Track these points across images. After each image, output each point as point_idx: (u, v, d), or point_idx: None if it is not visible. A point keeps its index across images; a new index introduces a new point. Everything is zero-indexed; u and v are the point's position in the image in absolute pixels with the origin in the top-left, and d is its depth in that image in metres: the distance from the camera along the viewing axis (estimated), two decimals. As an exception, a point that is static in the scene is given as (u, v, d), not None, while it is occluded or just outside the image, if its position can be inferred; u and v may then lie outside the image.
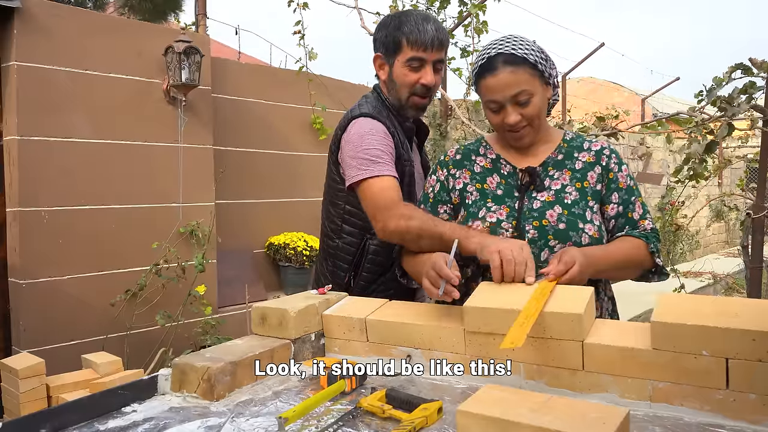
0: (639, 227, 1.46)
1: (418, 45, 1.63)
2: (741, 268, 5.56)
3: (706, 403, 0.91)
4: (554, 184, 1.46)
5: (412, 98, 1.69)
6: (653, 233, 1.46)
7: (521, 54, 1.39)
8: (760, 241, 2.90)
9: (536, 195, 1.44)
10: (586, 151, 1.50)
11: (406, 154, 1.67)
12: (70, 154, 3.13)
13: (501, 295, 1.12)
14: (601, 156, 1.49)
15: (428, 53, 1.64)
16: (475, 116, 5.92)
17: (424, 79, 1.66)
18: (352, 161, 1.59)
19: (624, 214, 1.46)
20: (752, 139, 6.00)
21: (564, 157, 1.49)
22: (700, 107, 2.84)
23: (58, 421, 0.96)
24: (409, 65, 1.65)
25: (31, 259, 3.01)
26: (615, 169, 1.48)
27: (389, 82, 1.71)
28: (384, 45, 1.69)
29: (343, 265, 1.73)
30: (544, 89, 1.44)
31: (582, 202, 1.43)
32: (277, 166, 4.27)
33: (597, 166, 1.48)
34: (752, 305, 0.96)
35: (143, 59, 3.40)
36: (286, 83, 4.34)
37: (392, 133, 1.63)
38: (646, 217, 1.48)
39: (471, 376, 1.11)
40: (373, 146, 1.58)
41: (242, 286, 3.75)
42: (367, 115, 1.64)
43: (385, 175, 1.55)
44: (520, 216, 1.42)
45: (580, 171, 1.47)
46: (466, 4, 5.20)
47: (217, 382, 1.06)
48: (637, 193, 1.50)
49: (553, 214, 1.40)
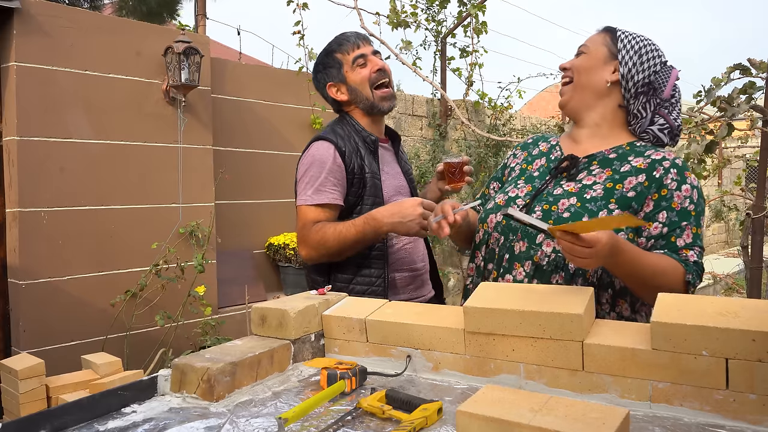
0: (680, 255, 1.31)
1: (350, 47, 1.82)
2: (741, 268, 5.57)
3: (705, 404, 0.91)
4: (587, 179, 1.41)
5: (376, 91, 1.82)
6: (696, 266, 1.31)
7: (617, 28, 1.48)
8: (760, 242, 2.90)
9: (564, 183, 1.43)
10: (642, 157, 1.39)
11: (368, 167, 1.78)
12: (69, 155, 3.13)
13: (501, 295, 1.12)
14: (657, 166, 1.36)
15: (363, 48, 1.83)
16: (474, 116, 5.92)
17: (374, 66, 1.82)
18: (299, 182, 1.78)
19: (667, 236, 1.33)
20: (752, 140, 6.00)
21: (617, 157, 1.42)
22: (700, 107, 2.84)
23: (57, 421, 0.96)
24: (357, 64, 1.82)
25: (31, 260, 3.01)
26: (672, 186, 1.34)
27: (351, 93, 1.83)
28: (328, 74, 1.86)
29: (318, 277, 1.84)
30: (605, 61, 1.45)
31: (601, 202, 1.35)
32: (277, 166, 4.27)
33: (643, 175, 1.36)
34: (752, 305, 0.95)
35: (143, 59, 3.40)
36: (285, 83, 4.34)
37: (343, 152, 1.74)
38: (693, 249, 1.32)
39: (471, 377, 1.11)
40: (318, 172, 1.73)
41: (242, 286, 3.75)
42: (322, 137, 1.79)
43: (317, 204, 1.72)
44: (536, 196, 1.43)
45: (621, 173, 1.38)
46: (466, 4, 5.21)
47: (217, 383, 1.06)
48: (692, 220, 1.33)
49: (566, 203, 1.37)
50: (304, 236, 1.75)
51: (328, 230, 1.70)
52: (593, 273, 1.36)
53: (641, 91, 1.43)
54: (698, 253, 1.33)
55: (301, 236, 1.76)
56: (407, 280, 1.82)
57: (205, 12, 4.10)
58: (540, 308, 1.03)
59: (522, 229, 1.40)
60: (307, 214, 1.74)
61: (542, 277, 1.37)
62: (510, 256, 1.43)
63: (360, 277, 1.75)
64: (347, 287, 1.73)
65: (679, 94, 1.47)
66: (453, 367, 1.13)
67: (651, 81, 1.43)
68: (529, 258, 1.39)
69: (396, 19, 4.85)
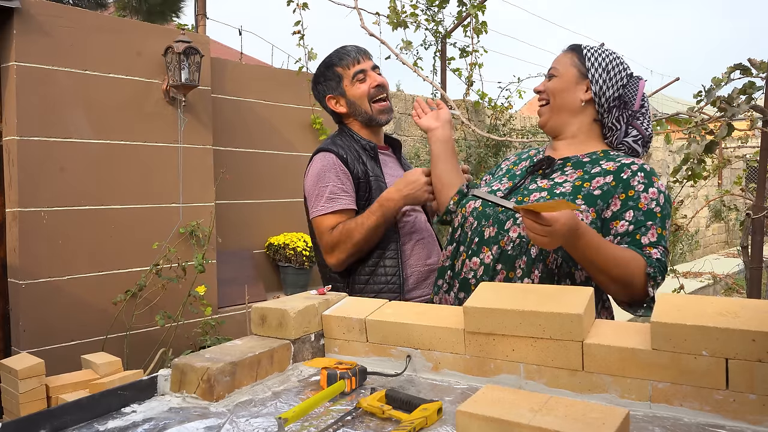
0: (644, 251, 1.35)
1: (350, 62, 1.87)
2: (741, 268, 5.57)
3: (705, 404, 0.91)
4: (560, 177, 1.49)
5: (374, 105, 1.88)
6: (658, 263, 1.34)
7: (582, 47, 1.55)
8: (760, 242, 2.90)
9: (539, 180, 1.52)
10: (612, 161, 1.47)
11: (372, 171, 1.85)
12: (69, 154, 3.13)
13: (501, 295, 1.12)
14: (625, 169, 1.43)
15: (362, 64, 1.88)
16: (474, 116, 5.92)
17: (373, 82, 1.87)
18: (310, 196, 1.84)
19: (632, 234, 1.37)
20: (752, 140, 6.00)
21: (590, 161, 1.50)
22: (700, 107, 2.84)
23: (57, 421, 0.96)
24: (357, 79, 1.87)
25: (31, 260, 3.01)
26: (639, 188, 1.40)
27: (350, 107, 1.89)
28: (328, 86, 1.91)
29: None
30: (577, 81, 1.52)
31: (569, 197, 1.42)
32: (277, 166, 4.27)
33: (611, 176, 1.43)
34: (752, 305, 0.95)
35: (143, 59, 3.40)
36: (285, 83, 4.34)
37: (345, 159, 1.81)
38: (657, 247, 1.36)
39: (471, 377, 1.11)
40: (327, 182, 1.79)
41: (242, 286, 3.75)
42: (324, 149, 1.84)
43: (334, 211, 1.77)
44: (513, 190, 1.54)
45: (591, 174, 1.46)
46: (465, 4, 5.21)
47: (217, 383, 1.06)
48: (657, 221, 1.38)
49: (537, 196, 1.46)
50: (327, 243, 1.78)
51: (348, 225, 1.75)
52: (553, 260, 1.42)
53: (613, 105, 1.52)
54: (662, 252, 1.37)
55: (325, 244, 1.79)
56: (423, 275, 1.87)
57: (205, 12, 4.10)
58: (540, 308, 1.03)
59: (494, 215, 1.49)
60: (324, 222, 1.78)
61: (506, 262, 1.45)
62: (479, 240, 1.51)
63: (376, 276, 1.80)
64: (365, 287, 1.79)
65: (647, 103, 1.56)
66: (453, 367, 1.13)
67: (621, 95, 1.52)
68: (496, 243, 1.47)
69: (396, 19, 4.86)
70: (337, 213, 1.78)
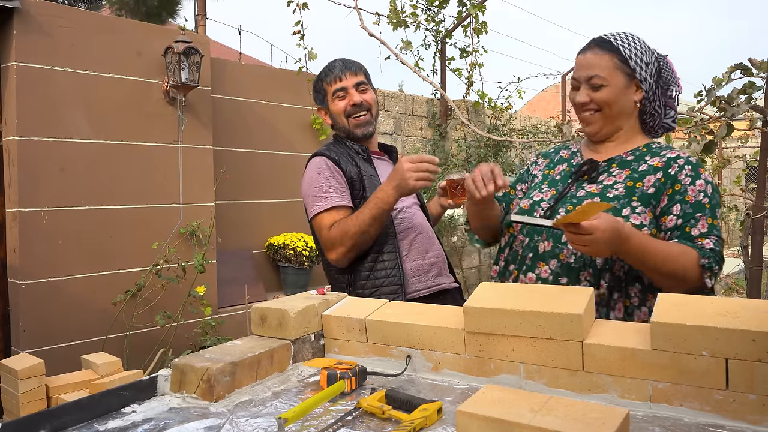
0: (696, 243, 1.33)
1: (332, 79, 1.96)
2: (741, 268, 5.56)
3: (705, 404, 0.91)
4: (608, 180, 1.46)
5: (350, 120, 1.95)
6: (712, 252, 1.32)
7: (615, 43, 1.44)
8: (760, 242, 2.90)
9: (586, 185, 1.48)
10: (658, 157, 1.45)
11: (365, 171, 1.91)
12: (69, 154, 3.13)
13: (501, 296, 1.12)
14: (672, 164, 1.42)
15: (344, 81, 1.95)
16: (474, 117, 5.92)
17: (350, 101, 1.95)
18: (306, 199, 1.90)
19: (681, 227, 1.36)
20: (751, 140, 6.00)
21: (634, 159, 1.47)
22: (700, 107, 2.84)
23: (57, 421, 0.96)
24: (337, 97, 1.95)
25: (31, 260, 3.01)
26: (686, 182, 1.39)
27: (333, 120, 1.99)
28: (317, 99, 2.04)
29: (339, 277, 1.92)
30: (627, 85, 1.45)
31: (624, 200, 1.39)
32: (277, 166, 4.27)
33: (660, 172, 1.41)
34: (752, 305, 0.95)
35: (143, 59, 3.40)
36: (285, 83, 4.34)
37: (337, 161, 1.88)
38: (709, 237, 1.34)
39: (471, 377, 1.11)
40: (320, 183, 1.85)
41: (242, 286, 3.75)
42: (317, 154, 1.93)
43: (328, 208, 1.82)
44: (560, 199, 1.47)
45: (640, 172, 1.43)
46: (465, 4, 5.21)
47: (217, 383, 1.06)
48: (707, 212, 1.37)
49: (588, 202, 1.41)
50: (326, 239, 1.83)
51: (346, 221, 1.79)
52: (620, 267, 1.39)
53: (659, 93, 1.50)
54: (715, 242, 1.34)
55: (324, 241, 1.84)
56: (424, 268, 1.90)
57: (205, 12, 4.10)
58: (540, 308, 1.03)
59: (547, 230, 1.44)
60: (323, 220, 1.83)
61: (570, 274, 1.41)
62: (533, 255, 1.47)
63: (376, 272, 1.83)
64: (366, 283, 1.83)
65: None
66: (453, 367, 1.13)
67: (662, 81, 1.49)
68: (554, 257, 1.43)
69: (396, 19, 4.85)
70: (332, 210, 1.83)
